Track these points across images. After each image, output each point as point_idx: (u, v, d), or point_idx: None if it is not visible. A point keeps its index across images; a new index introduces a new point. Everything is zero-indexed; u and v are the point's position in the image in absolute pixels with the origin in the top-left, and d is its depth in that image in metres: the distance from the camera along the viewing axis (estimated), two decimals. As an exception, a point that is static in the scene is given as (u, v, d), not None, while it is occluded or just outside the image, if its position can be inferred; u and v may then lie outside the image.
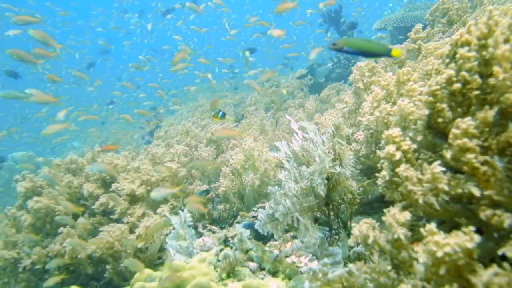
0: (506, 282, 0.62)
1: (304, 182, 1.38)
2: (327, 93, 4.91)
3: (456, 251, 0.69)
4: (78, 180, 2.32)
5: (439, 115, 0.89)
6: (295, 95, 5.94)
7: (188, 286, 0.90)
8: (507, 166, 0.83)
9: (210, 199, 2.56)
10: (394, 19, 6.20)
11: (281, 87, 6.56)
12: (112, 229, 1.99)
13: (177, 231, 1.45)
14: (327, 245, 1.19)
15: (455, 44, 0.92)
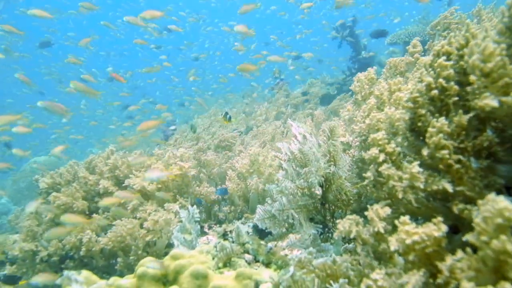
0: (467, 266, 0.67)
1: (299, 181, 1.44)
2: (337, 104, 4.97)
3: (423, 239, 0.74)
4: (94, 177, 2.43)
5: (420, 119, 0.95)
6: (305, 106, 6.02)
7: (186, 272, 0.97)
8: (481, 167, 0.89)
9: (217, 201, 2.64)
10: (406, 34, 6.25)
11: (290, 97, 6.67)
12: (125, 222, 2.08)
13: (184, 225, 1.52)
14: (319, 241, 1.25)
15: (436, 54, 0.98)
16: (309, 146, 1.55)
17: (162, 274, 1.00)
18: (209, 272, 0.98)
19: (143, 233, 2.10)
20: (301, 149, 1.55)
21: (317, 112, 4.25)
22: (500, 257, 0.61)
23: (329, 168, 1.42)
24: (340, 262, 0.89)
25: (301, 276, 0.86)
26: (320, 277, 0.88)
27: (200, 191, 2.60)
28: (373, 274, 0.80)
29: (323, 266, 0.87)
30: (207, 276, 0.96)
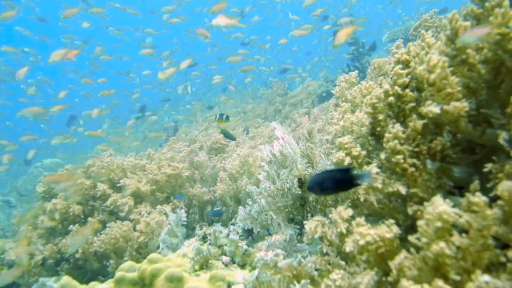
0: (412, 264, 0.71)
1: (279, 183, 1.48)
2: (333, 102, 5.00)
3: (376, 240, 0.78)
4: (89, 181, 2.48)
5: (379, 124, 0.98)
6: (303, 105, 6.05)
7: (162, 275, 1.01)
8: (436, 169, 0.92)
9: (209, 201, 2.68)
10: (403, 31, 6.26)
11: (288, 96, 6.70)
12: (119, 225, 2.13)
13: (172, 228, 1.57)
14: (295, 242, 1.29)
15: (397, 61, 1.01)
16: (290, 148, 1.59)
17: (139, 278, 1.04)
18: (184, 275, 1.02)
19: (136, 235, 2.14)
20: (281, 151, 1.59)
21: (314, 111, 4.29)
22: (439, 258, 0.65)
23: (307, 170, 1.45)
24: (305, 263, 0.93)
25: (267, 277, 0.90)
26: (286, 278, 0.92)
27: (193, 192, 2.65)
28: (332, 274, 0.84)
29: (288, 267, 0.91)
30: (182, 279, 1.00)
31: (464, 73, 0.81)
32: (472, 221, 0.63)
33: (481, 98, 0.80)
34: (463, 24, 0.78)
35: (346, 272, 0.87)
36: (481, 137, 0.81)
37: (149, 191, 2.49)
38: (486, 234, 0.63)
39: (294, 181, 1.48)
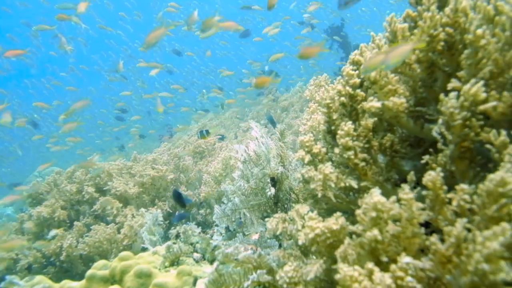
0: (353, 250, 0.75)
1: (253, 181, 1.53)
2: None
3: (324, 232, 0.82)
4: (73, 186, 2.51)
5: (334, 123, 1.03)
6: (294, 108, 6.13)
7: (132, 271, 1.05)
8: (386, 162, 0.98)
9: (194, 204, 2.72)
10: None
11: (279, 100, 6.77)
12: (104, 228, 2.17)
13: (149, 226, 1.61)
14: (266, 238, 1.33)
15: (351, 62, 1.07)
16: (264, 148, 1.64)
17: (110, 275, 1.08)
18: (153, 271, 1.06)
19: (121, 237, 2.18)
20: (256, 150, 1.63)
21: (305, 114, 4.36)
22: (372, 244, 0.70)
23: (277, 168, 1.50)
24: (265, 255, 0.98)
25: (227, 269, 0.94)
26: (245, 269, 0.96)
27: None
28: (286, 266, 0.88)
29: (247, 259, 0.95)
30: (150, 275, 1.04)
31: (406, 72, 0.87)
32: (402, 212, 0.68)
33: (420, 96, 0.85)
34: (400, 26, 0.83)
35: (301, 263, 0.91)
36: (421, 131, 0.86)
37: (136, 193, 2.53)
38: (415, 223, 0.68)
39: (268, 180, 1.53)
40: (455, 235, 0.59)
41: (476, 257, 0.54)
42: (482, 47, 0.67)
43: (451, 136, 0.70)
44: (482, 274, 0.55)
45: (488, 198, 0.58)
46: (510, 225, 0.57)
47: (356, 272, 0.66)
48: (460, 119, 0.66)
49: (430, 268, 0.63)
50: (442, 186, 0.69)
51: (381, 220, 0.70)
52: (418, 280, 0.64)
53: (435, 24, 0.74)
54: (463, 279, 0.58)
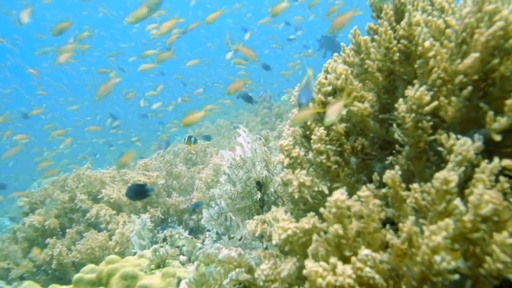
0: (321, 247, 0.80)
1: (239, 185, 1.58)
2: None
3: (296, 232, 0.87)
4: (66, 195, 2.55)
5: (308, 128, 1.09)
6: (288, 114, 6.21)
7: (117, 274, 1.10)
8: (357, 165, 1.03)
9: (187, 209, 2.76)
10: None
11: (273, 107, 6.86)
12: (95, 235, 2.20)
13: (139, 231, 1.65)
14: (250, 240, 1.38)
15: (324, 70, 1.13)
16: (250, 153, 1.69)
17: (97, 278, 1.12)
18: (139, 273, 1.11)
19: (113, 244, 2.21)
20: (241, 155, 1.69)
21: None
22: (335, 239, 0.75)
23: (262, 172, 1.56)
24: (244, 254, 1.02)
25: (209, 269, 0.99)
26: (226, 269, 1.01)
27: (170, 201, 2.73)
28: (262, 265, 0.93)
29: (227, 258, 1.00)
30: (136, 277, 1.08)
31: (371, 79, 0.93)
32: (363, 209, 0.73)
33: (385, 101, 0.91)
34: (363, 38, 0.89)
35: (278, 261, 0.96)
36: (387, 134, 0.92)
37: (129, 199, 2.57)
38: (375, 219, 0.73)
39: (253, 184, 1.58)
40: (406, 231, 0.65)
41: (423, 249, 0.60)
42: (432, 57, 0.73)
43: (406, 138, 0.76)
44: (429, 264, 0.60)
45: (436, 195, 0.64)
46: (454, 220, 0.62)
47: (320, 268, 0.71)
48: (410, 121, 0.72)
49: (387, 260, 0.69)
50: (400, 184, 0.74)
51: (344, 217, 0.75)
52: (378, 271, 0.70)
53: (389, 38, 0.80)
54: (414, 269, 0.64)
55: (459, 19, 0.70)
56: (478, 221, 0.60)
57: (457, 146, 0.63)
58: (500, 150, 0.70)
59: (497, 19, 0.65)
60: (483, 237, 0.61)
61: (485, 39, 0.65)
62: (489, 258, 0.59)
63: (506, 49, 0.65)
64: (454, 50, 0.71)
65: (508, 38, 0.65)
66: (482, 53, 0.67)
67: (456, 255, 0.66)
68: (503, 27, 0.64)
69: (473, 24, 0.67)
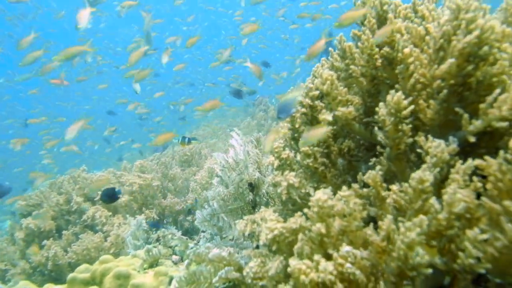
0: (307, 246, 0.83)
1: (231, 187, 1.60)
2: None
3: (282, 232, 0.90)
4: (63, 197, 2.56)
5: (297, 131, 1.12)
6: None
7: (111, 273, 1.12)
8: (343, 166, 1.06)
9: (182, 211, 2.78)
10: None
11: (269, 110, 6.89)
12: (91, 236, 2.22)
13: (134, 231, 1.67)
14: (242, 240, 1.40)
15: (314, 75, 1.16)
16: (242, 155, 1.72)
17: (91, 278, 1.14)
18: (132, 273, 1.13)
19: (108, 245, 2.23)
20: (234, 157, 1.71)
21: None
22: (318, 237, 0.78)
23: (254, 174, 1.58)
24: (234, 253, 1.05)
25: (199, 268, 1.02)
26: (216, 267, 1.03)
27: (165, 203, 2.75)
28: (251, 263, 0.96)
29: (217, 257, 1.02)
30: (129, 276, 1.11)
31: (357, 83, 0.96)
32: (345, 207, 0.76)
33: (369, 105, 0.94)
34: (348, 44, 0.92)
35: (266, 259, 0.99)
36: (371, 136, 0.95)
37: (126, 201, 2.59)
38: (357, 217, 0.76)
39: (246, 185, 1.61)
40: (385, 228, 0.68)
41: (399, 245, 0.63)
42: (411, 63, 0.76)
43: (387, 140, 0.79)
44: (405, 259, 0.63)
45: (413, 194, 0.67)
46: (430, 218, 0.65)
47: (304, 265, 0.74)
48: (390, 124, 0.75)
49: (367, 257, 0.71)
50: (381, 184, 0.77)
51: (327, 215, 0.78)
52: (359, 268, 0.72)
53: (371, 45, 0.83)
54: (392, 265, 0.66)
55: (437, 27, 0.73)
56: (452, 218, 0.63)
57: (432, 148, 0.66)
58: (476, 151, 0.73)
59: (473, 28, 0.68)
60: (457, 234, 0.64)
61: (461, 46, 0.68)
62: (462, 254, 0.62)
63: (480, 56, 0.69)
64: (432, 56, 0.74)
65: (482, 45, 0.68)
66: (458, 59, 0.70)
67: (433, 251, 0.69)
68: (478, 35, 0.67)
69: (450, 31, 0.70)
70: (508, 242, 0.59)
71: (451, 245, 0.66)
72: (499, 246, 0.59)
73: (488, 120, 0.66)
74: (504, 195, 0.60)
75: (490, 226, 0.61)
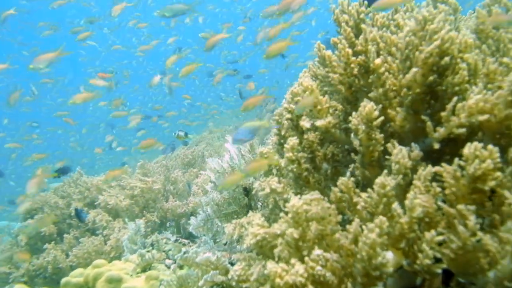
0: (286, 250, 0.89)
1: (226, 192, 1.67)
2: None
3: (265, 237, 0.96)
4: (64, 200, 2.68)
5: (283, 137, 1.18)
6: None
7: (102, 278, 1.20)
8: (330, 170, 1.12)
9: (184, 214, 2.86)
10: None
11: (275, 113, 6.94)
12: (92, 240, 2.32)
13: (131, 235, 1.76)
14: (235, 244, 1.47)
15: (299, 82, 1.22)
16: (237, 160, 1.79)
17: (84, 282, 1.22)
18: (124, 277, 1.21)
19: (108, 249, 2.33)
20: (229, 162, 1.78)
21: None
22: (293, 242, 0.84)
23: (250, 179, 1.65)
24: (220, 257, 1.12)
25: (189, 271, 1.09)
26: (203, 271, 1.11)
27: (167, 206, 2.84)
28: (235, 266, 1.03)
29: (205, 261, 1.10)
30: (120, 280, 1.19)
31: (337, 91, 1.02)
32: (319, 212, 0.82)
33: (349, 111, 1.00)
34: (326, 52, 0.99)
35: (251, 262, 1.05)
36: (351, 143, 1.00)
37: (127, 205, 2.69)
38: (332, 221, 0.82)
39: (241, 190, 1.68)
40: (352, 231, 0.74)
41: (361, 246, 0.69)
42: (382, 73, 0.82)
43: (360, 147, 0.85)
44: (368, 260, 0.69)
45: (377, 198, 0.73)
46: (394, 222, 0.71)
47: (279, 268, 0.80)
48: (362, 133, 0.81)
49: (337, 259, 0.77)
50: (354, 190, 0.83)
51: (303, 220, 0.84)
52: (331, 270, 0.78)
53: (347, 54, 0.89)
54: (358, 266, 0.72)
55: (401, 38, 0.79)
56: (413, 222, 0.69)
57: (394, 155, 0.72)
58: (443, 157, 0.79)
59: (435, 38, 0.74)
60: (419, 237, 0.70)
61: (424, 56, 0.74)
62: (421, 255, 0.68)
63: (443, 66, 0.74)
64: (400, 66, 0.80)
65: (443, 56, 0.73)
66: (424, 69, 0.76)
67: (399, 253, 0.75)
68: (438, 45, 0.73)
69: (413, 42, 0.76)
70: (462, 244, 0.64)
71: (413, 247, 0.71)
72: (454, 248, 0.65)
73: (450, 127, 0.72)
74: (460, 199, 0.66)
75: (447, 229, 0.66)
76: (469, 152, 0.63)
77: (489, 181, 0.63)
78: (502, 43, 0.79)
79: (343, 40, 0.90)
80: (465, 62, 0.73)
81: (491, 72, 0.74)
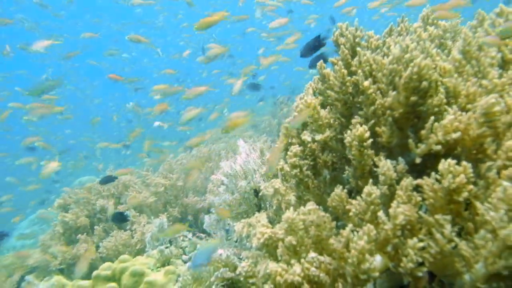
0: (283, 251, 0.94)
1: (237, 194, 1.74)
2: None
3: (271, 237, 1.02)
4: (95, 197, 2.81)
5: (290, 144, 1.23)
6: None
7: (127, 272, 1.28)
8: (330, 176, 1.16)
9: (202, 209, 2.95)
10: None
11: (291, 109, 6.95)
12: (119, 234, 2.43)
13: (154, 233, 1.84)
14: (244, 241, 1.53)
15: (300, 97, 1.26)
16: (250, 165, 1.84)
17: (112, 275, 1.31)
18: (146, 271, 1.29)
19: (134, 242, 2.43)
20: (242, 166, 1.84)
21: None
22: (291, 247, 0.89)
23: (260, 182, 1.71)
24: (230, 255, 1.18)
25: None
26: (215, 268, 1.17)
27: (187, 201, 2.93)
28: (243, 263, 1.09)
29: (216, 259, 1.16)
30: (143, 274, 1.26)
31: (335, 105, 1.06)
32: (314, 219, 0.87)
33: (345, 125, 1.04)
34: (327, 70, 1.03)
35: (259, 259, 1.11)
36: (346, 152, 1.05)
37: (152, 202, 2.80)
38: (327, 228, 0.87)
39: (251, 192, 1.74)
40: (344, 236, 0.78)
41: (352, 252, 0.73)
42: (371, 94, 0.86)
43: (354, 161, 0.89)
44: (357, 264, 0.73)
45: (365, 206, 0.77)
46: (380, 228, 0.75)
47: (279, 268, 0.86)
48: (355, 150, 0.85)
49: (330, 262, 0.82)
50: (347, 199, 0.88)
51: (298, 229, 0.89)
52: (325, 271, 0.83)
53: (342, 75, 0.93)
54: (348, 269, 0.77)
55: (388, 64, 0.82)
56: (396, 229, 0.73)
57: (380, 167, 0.76)
58: (426, 171, 0.82)
59: (411, 65, 0.78)
60: (402, 242, 0.74)
61: (403, 81, 0.77)
62: (405, 259, 0.72)
63: (422, 89, 0.78)
64: (385, 88, 0.84)
65: (422, 80, 0.77)
66: (406, 92, 0.80)
67: (386, 256, 0.79)
68: (416, 72, 0.76)
69: (396, 69, 0.80)
70: (440, 250, 0.68)
71: (398, 252, 0.76)
72: (433, 253, 0.69)
73: (430, 144, 0.75)
74: (438, 209, 0.70)
75: (427, 235, 0.70)
76: (443, 168, 0.66)
77: (463, 193, 0.66)
78: (482, 66, 0.81)
79: (340, 62, 0.95)
80: (444, 86, 0.76)
81: (471, 94, 0.77)
